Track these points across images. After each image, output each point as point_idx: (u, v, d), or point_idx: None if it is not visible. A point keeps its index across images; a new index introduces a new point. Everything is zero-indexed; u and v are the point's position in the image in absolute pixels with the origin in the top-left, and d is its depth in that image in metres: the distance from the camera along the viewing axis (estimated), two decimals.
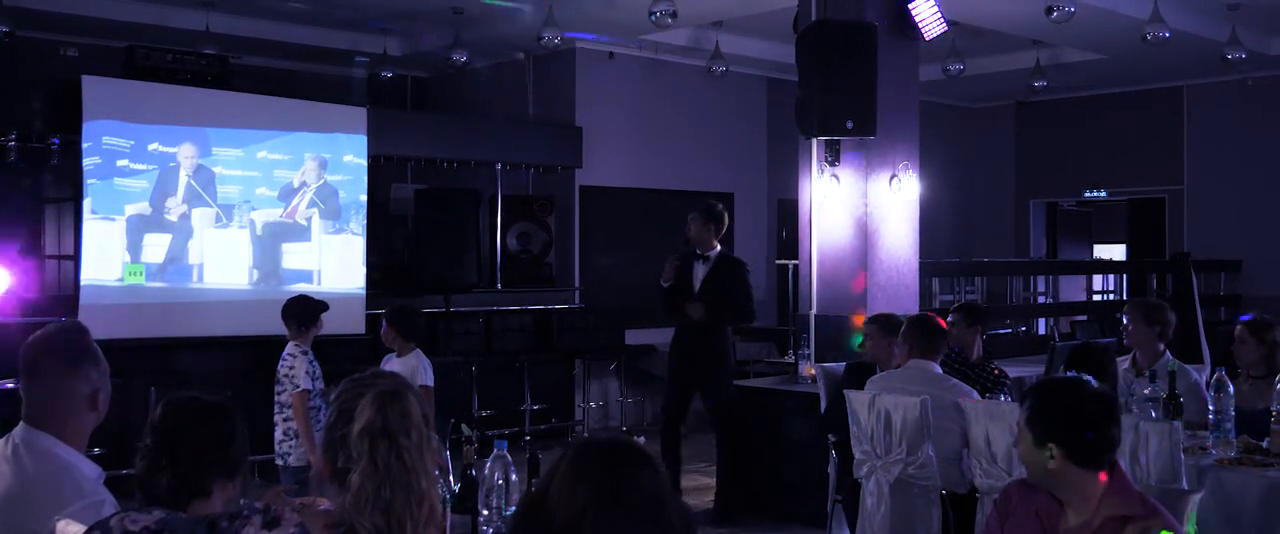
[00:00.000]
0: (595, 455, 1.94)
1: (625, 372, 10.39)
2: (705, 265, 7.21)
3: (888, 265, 7.38)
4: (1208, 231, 12.69)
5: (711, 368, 7.20)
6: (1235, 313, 11.58)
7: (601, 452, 1.94)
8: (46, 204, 9.77)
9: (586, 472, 1.90)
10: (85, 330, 2.85)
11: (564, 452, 1.97)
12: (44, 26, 9.67)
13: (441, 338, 9.18)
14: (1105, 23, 9.53)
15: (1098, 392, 2.90)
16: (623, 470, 1.91)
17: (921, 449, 4.92)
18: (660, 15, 8.26)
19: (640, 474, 1.91)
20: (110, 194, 7.87)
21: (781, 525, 6.89)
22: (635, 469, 1.92)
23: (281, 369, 5.77)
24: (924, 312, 6.43)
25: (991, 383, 5.61)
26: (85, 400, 2.74)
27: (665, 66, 11.26)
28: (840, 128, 6.92)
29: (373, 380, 2.29)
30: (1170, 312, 5.38)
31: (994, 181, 14.64)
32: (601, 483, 1.89)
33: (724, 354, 7.29)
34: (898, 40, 7.35)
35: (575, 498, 1.87)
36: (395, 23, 10.53)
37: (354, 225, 8.91)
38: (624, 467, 1.92)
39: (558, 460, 1.96)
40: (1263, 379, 4.92)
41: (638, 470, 1.92)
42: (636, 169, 11.10)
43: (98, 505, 2.56)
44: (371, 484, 2.16)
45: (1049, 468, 2.80)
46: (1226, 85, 12.42)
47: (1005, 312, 11.45)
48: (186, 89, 8.39)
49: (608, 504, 1.87)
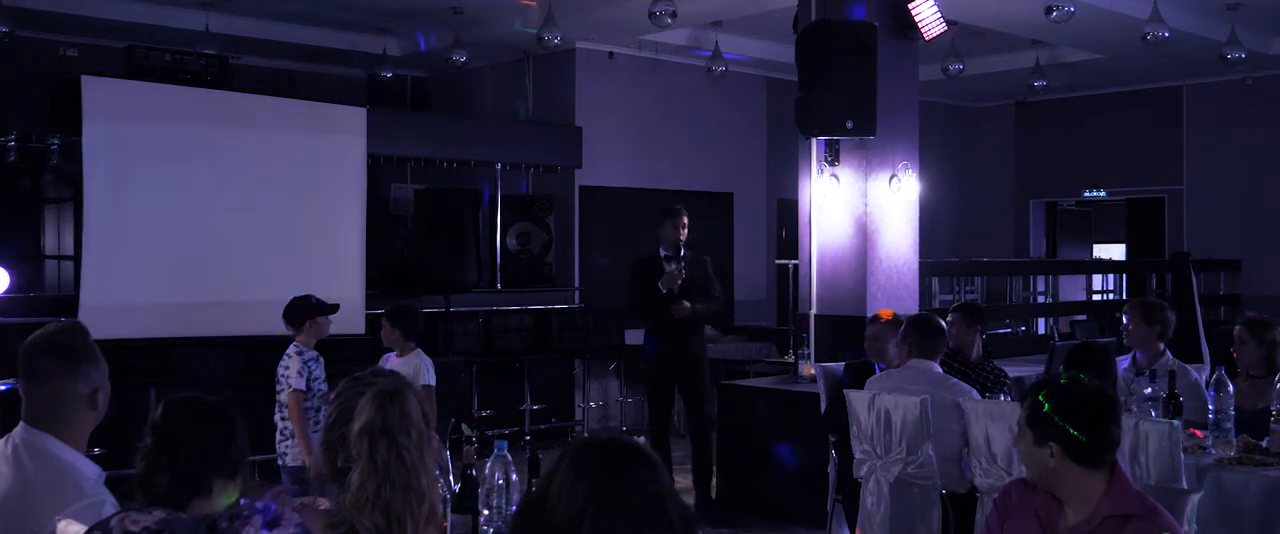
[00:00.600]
0: (595, 454, 1.93)
1: (625, 372, 10.39)
2: (676, 266, 7.28)
3: (887, 265, 7.38)
4: (1207, 231, 12.69)
5: (701, 365, 7.39)
6: (1235, 313, 11.59)
7: (601, 450, 1.93)
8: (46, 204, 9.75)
9: (586, 470, 1.90)
10: (84, 330, 2.85)
11: (564, 450, 1.97)
12: (43, 26, 9.67)
13: (441, 338, 9.18)
14: (1105, 22, 9.53)
15: (1098, 390, 2.90)
16: (623, 469, 1.90)
17: (921, 449, 4.92)
18: (660, 15, 8.25)
19: (640, 472, 1.91)
20: (110, 194, 7.86)
21: (781, 525, 6.89)
22: (635, 467, 1.91)
23: (279, 368, 5.78)
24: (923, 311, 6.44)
25: (991, 382, 5.61)
26: (84, 400, 2.73)
27: (665, 66, 11.26)
28: (840, 128, 6.92)
29: (372, 380, 2.30)
30: (1169, 311, 5.38)
31: (993, 181, 14.64)
32: (602, 481, 1.88)
33: (705, 350, 7.63)
34: (897, 40, 7.36)
35: (576, 497, 1.87)
36: (395, 23, 10.53)
37: (353, 225, 8.91)
38: (624, 465, 1.91)
39: (558, 459, 1.95)
40: (1262, 379, 4.92)
41: (638, 468, 1.91)
42: (636, 169, 11.10)
43: (98, 505, 2.56)
44: (371, 483, 2.16)
45: (1049, 467, 2.80)
46: (1226, 85, 12.42)
47: (1005, 311, 11.46)
48: (186, 89, 8.39)
49: (608, 503, 1.86)
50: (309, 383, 5.72)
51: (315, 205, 8.75)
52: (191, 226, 8.18)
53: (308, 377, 5.72)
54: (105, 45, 9.77)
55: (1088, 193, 13.93)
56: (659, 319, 7.29)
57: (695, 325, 7.37)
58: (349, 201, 8.92)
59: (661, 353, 7.31)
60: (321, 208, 8.79)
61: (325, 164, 8.83)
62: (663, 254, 7.31)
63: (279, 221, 8.57)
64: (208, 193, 8.27)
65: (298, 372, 5.69)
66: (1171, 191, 13.20)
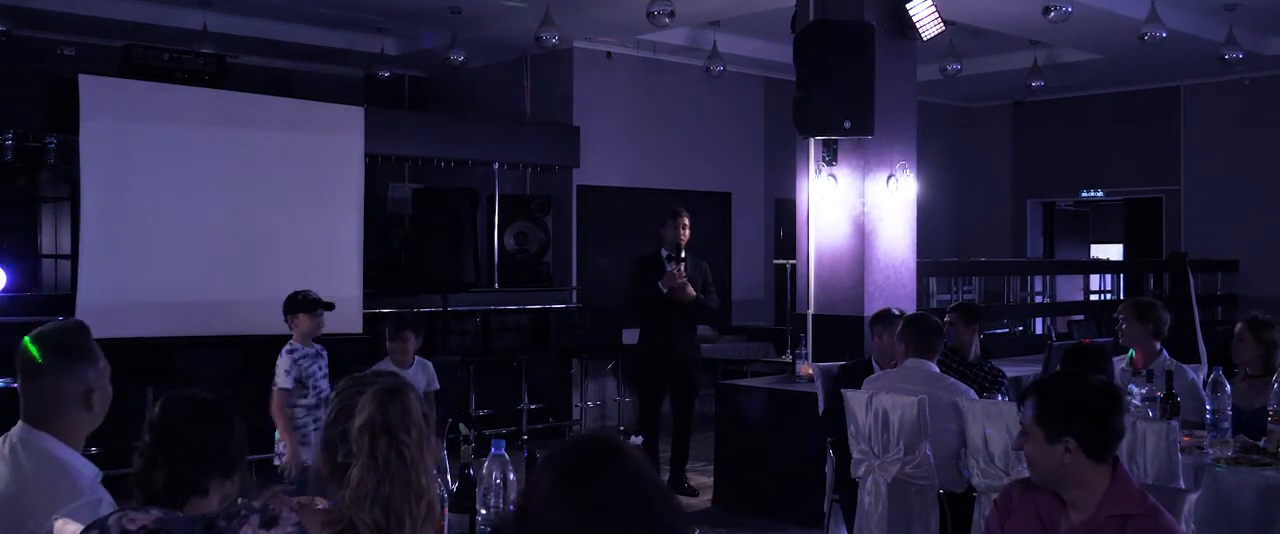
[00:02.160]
0: (570, 456, 1.86)
1: (622, 371, 10.38)
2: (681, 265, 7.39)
3: (885, 265, 7.38)
4: (1204, 231, 12.70)
5: (697, 361, 7.69)
6: (1232, 312, 11.60)
7: (575, 451, 1.87)
8: (43, 203, 9.76)
9: (564, 476, 1.83)
10: (83, 329, 2.83)
11: (543, 457, 1.91)
12: (41, 25, 9.66)
13: (439, 337, 9.17)
14: (1102, 23, 9.54)
15: (1102, 383, 2.93)
16: (598, 467, 1.83)
17: (919, 448, 4.92)
18: (658, 15, 8.25)
19: (621, 468, 1.83)
20: (107, 193, 7.85)
21: (779, 525, 6.89)
22: (611, 464, 1.84)
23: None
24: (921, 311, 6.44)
25: (989, 382, 5.61)
26: (78, 400, 2.70)
27: (663, 66, 11.26)
28: (837, 127, 6.92)
29: (373, 378, 2.30)
30: (1164, 309, 5.40)
31: (991, 181, 14.65)
32: (578, 482, 1.81)
33: (700, 353, 7.97)
34: (895, 40, 7.36)
35: (555, 502, 1.80)
36: (392, 22, 10.53)
37: (351, 225, 8.90)
38: (600, 463, 1.84)
39: (537, 466, 1.89)
40: (1260, 378, 4.93)
41: (614, 464, 1.84)
42: (634, 169, 11.10)
43: (95, 504, 2.55)
44: (371, 480, 2.16)
45: (1064, 463, 2.80)
46: (1223, 85, 12.44)
47: (1002, 311, 11.46)
48: (183, 88, 8.38)
49: (588, 504, 1.79)
50: (304, 380, 5.68)
51: (313, 205, 8.73)
52: (189, 226, 8.16)
53: (298, 375, 5.67)
54: (103, 44, 9.76)
55: (1085, 193, 13.94)
56: (656, 318, 7.37)
57: (690, 327, 7.51)
58: (346, 201, 8.91)
59: (658, 351, 7.45)
60: (319, 207, 8.78)
61: (323, 164, 8.82)
62: (664, 254, 7.38)
63: (276, 221, 8.56)
64: (205, 192, 8.25)
65: (285, 370, 5.65)
66: (1169, 192, 13.22)
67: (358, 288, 8.84)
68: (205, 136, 8.29)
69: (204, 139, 8.28)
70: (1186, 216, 13.03)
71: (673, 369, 7.48)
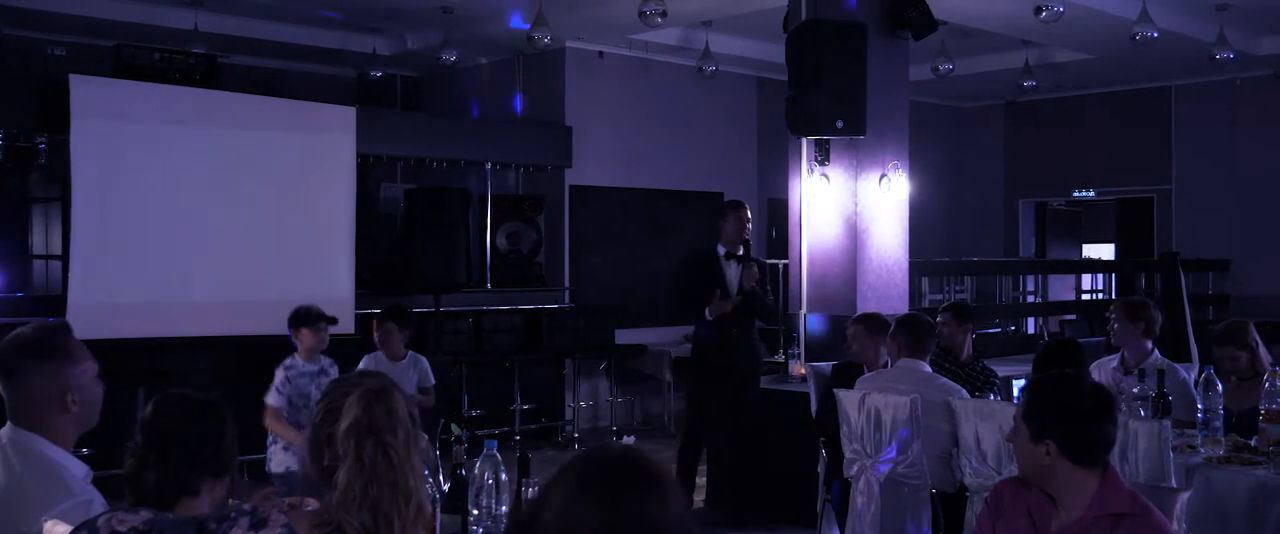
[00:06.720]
0: (599, 473, 1.72)
1: (615, 371, 10.38)
2: (738, 265, 6.95)
3: (877, 265, 7.39)
4: (1196, 231, 12.73)
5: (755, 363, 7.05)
6: (1223, 312, 11.63)
7: (606, 469, 1.73)
8: (34, 204, 9.73)
9: (589, 493, 1.70)
10: (63, 329, 2.82)
11: (565, 466, 1.76)
12: (31, 25, 9.63)
13: (431, 337, 9.16)
14: (1094, 23, 9.56)
15: (1096, 389, 2.90)
16: (630, 493, 1.69)
17: (911, 448, 4.92)
18: (650, 14, 8.25)
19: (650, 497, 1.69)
20: (98, 194, 7.83)
21: (772, 525, 6.89)
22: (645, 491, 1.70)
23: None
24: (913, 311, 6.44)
25: (981, 382, 5.62)
26: (55, 399, 2.69)
27: (655, 66, 11.26)
28: (830, 127, 6.92)
29: (359, 379, 2.29)
30: (1154, 308, 5.41)
31: (983, 181, 14.68)
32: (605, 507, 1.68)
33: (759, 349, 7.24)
34: (888, 40, 7.36)
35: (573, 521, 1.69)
36: (384, 22, 10.51)
37: (343, 225, 8.88)
38: (631, 488, 1.70)
39: (557, 476, 1.76)
40: (1250, 380, 4.93)
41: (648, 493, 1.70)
42: (626, 169, 11.09)
43: (86, 504, 2.55)
44: (358, 482, 2.15)
45: (1044, 464, 2.79)
46: (1214, 85, 12.47)
47: (994, 311, 11.49)
48: (174, 88, 8.35)
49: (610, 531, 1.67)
50: (296, 400, 5.49)
51: (304, 205, 8.72)
52: (180, 226, 8.15)
53: (290, 393, 5.48)
54: (93, 44, 9.73)
55: (1077, 192, 13.97)
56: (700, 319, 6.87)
57: (750, 324, 6.92)
58: (338, 201, 8.89)
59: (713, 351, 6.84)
60: (311, 207, 8.76)
61: (314, 163, 8.81)
62: (722, 252, 6.96)
63: (268, 221, 8.54)
64: (196, 192, 8.24)
65: (276, 387, 5.49)
66: (1160, 191, 13.25)
67: (350, 288, 8.83)
68: (197, 137, 8.28)
69: (195, 139, 8.27)
70: (1178, 216, 13.06)
71: (729, 370, 6.92)
